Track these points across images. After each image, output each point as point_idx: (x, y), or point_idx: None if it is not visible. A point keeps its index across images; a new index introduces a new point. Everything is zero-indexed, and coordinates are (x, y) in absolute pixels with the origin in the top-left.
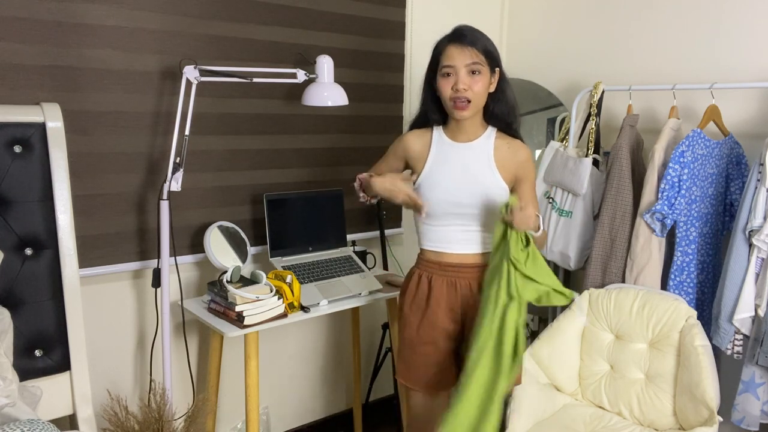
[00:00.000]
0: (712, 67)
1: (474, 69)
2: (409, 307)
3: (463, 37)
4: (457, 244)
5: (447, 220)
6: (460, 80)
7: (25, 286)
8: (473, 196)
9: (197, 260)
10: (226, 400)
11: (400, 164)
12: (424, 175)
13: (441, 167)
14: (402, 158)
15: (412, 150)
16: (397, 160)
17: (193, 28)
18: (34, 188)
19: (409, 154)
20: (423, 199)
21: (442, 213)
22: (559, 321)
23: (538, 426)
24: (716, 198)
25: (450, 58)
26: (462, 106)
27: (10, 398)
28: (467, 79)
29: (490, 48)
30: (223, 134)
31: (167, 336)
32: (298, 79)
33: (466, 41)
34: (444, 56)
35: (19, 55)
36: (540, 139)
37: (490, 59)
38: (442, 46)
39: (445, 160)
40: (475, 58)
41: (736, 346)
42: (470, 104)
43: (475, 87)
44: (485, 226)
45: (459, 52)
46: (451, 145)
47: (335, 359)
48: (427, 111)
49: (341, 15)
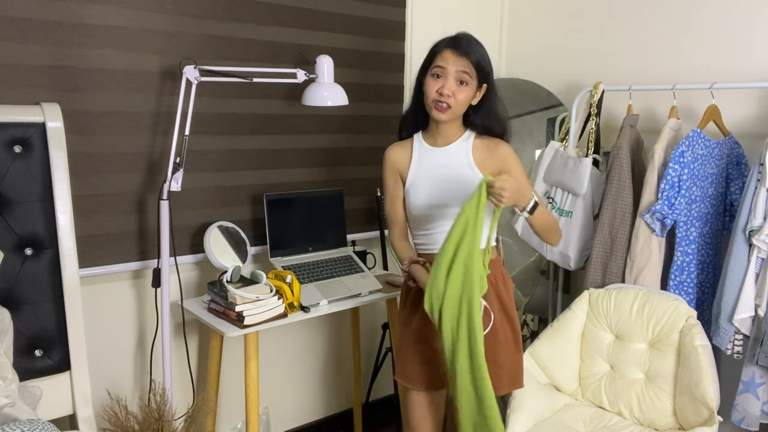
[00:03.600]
0: (712, 67)
1: (462, 79)
2: (404, 306)
3: (459, 44)
4: None
5: (435, 222)
6: (447, 85)
7: (25, 286)
8: (457, 198)
9: (197, 260)
10: (226, 400)
11: (401, 184)
12: (410, 182)
13: (424, 173)
14: (397, 175)
15: (397, 162)
16: (397, 182)
17: (193, 28)
18: (34, 188)
19: (398, 167)
20: (411, 205)
21: (430, 216)
22: (559, 321)
23: (538, 426)
24: (716, 198)
25: (443, 60)
26: (442, 108)
27: (10, 398)
28: (453, 86)
29: (483, 63)
30: (223, 134)
31: (167, 336)
32: (298, 79)
33: (461, 50)
34: (438, 57)
35: (19, 55)
36: (540, 139)
37: (480, 74)
38: (439, 48)
39: (427, 165)
40: (465, 68)
41: (736, 346)
42: (449, 110)
43: (458, 95)
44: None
45: (453, 57)
46: (431, 150)
47: (335, 359)
48: (416, 111)
49: (341, 15)
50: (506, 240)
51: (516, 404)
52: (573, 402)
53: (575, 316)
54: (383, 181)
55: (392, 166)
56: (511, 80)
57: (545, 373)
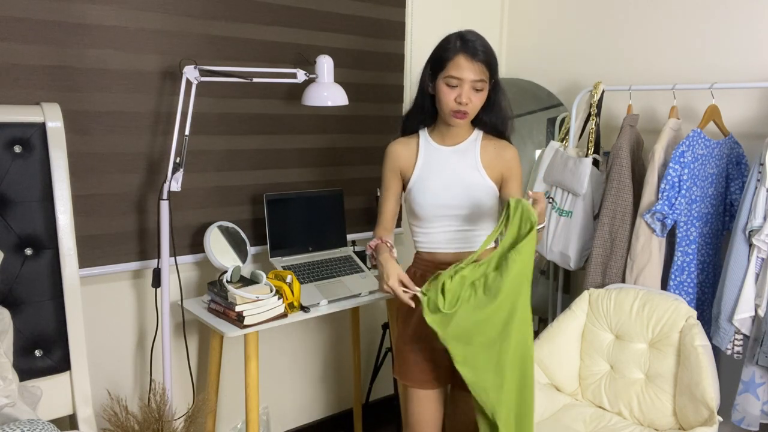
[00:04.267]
0: (712, 67)
1: (478, 87)
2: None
3: (475, 51)
4: (449, 244)
5: (438, 222)
6: (464, 94)
7: (25, 286)
8: (462, 198)
9: (197, 260)
10: (226, 400)
11: (400, 180)
12: (414, 180)
13: (430, 172)
14: (397, 172)
15: (400, 158)
16: (396, 178)
17: (193, 28)
18: (34, 188)
19: (399, 163)
20: (414, 203)
21: (432, 216)
22: (559, 321)
23: (538, 426)
24: (716, 198)
25: (459, 70)
26: (460, 116)
27: (10, 398)
28: (470, 94)
29: (493, 63)
30: (223, 134)
31: (167, 336)
32: (298, 79)
33: (477, 57)
34: (453, 65)
35: (19, 55)
36: (540, 139)
37: (492, 74)
38: (451, 54)
39: (434, 164)
40: (481, 75)
41: (736, 346)
42: (467, 116)
43: (475, 101)
44: (475, 225)
45: (469, 66)
46: (439, 149)
47: (335, 359)
48: (423, 110)
49: (341, 15)
50: None
51: None
52: (573, 402)
53: (575, 316)
54: (383, 175)
55: (394, 162)
56: (511, 80)
57: (545, 373)
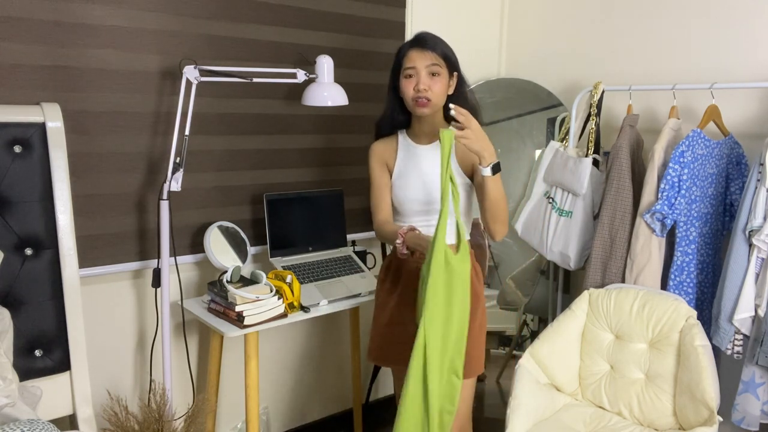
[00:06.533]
0: (712, 67)
1: (433, 71)
2: (381, 290)
3: (423, 41)
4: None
5: (416, 216)
6: (421, 81)
7: (25, 286)
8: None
9: (197, 260)
10: (226, 400)
11: (388, 173)
12: (395, 175)
13: (408, 170)
14: (384, 165)
15: (385, 153)
16: (384, 172)
17: (193, 28)
18: (34, 188)
19: (384, 157)
20: (393, 198)
21: (410, 211)
22: (559, 321)
23: (538, 426)
24: (716, 198)
25: (411, 61)
26: (423, 103)
27: (10, 398)
28: (427, 80)
29: (449, 53)
30: (223, 134)
31: (167, 336)
32: (298, 79)
33: (426, 46)
34: (406, 59)
35: (19, 55)
36: (540, 139)
37: (448, 63)
38: (404, 50)
39: (411, 163)
40: (434, 60)
41: (736, 346)
42: (430, 102)
43: (434, 87)
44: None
45: (419, 55)
46: (416, 147)
47: (335, 359)
48: (393, 112)
49: (341, 15)
50: (506, 240)
51: (515, 404)
52: (573, 402)
53: (575, 316)
54: (369, 173)
55: (380, 157)
56: (511, 80)
57: (545, 373)
